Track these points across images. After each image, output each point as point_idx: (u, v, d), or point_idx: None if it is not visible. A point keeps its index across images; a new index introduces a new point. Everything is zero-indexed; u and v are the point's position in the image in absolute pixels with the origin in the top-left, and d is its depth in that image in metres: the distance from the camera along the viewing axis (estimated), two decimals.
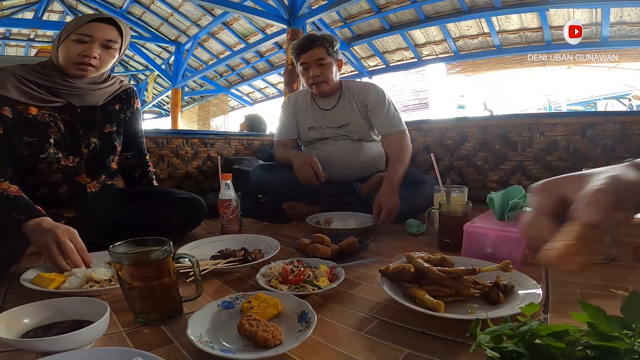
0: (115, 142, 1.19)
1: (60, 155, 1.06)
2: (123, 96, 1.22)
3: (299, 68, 1.58)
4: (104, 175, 1.17)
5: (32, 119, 1.02)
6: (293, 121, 1.68)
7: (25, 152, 1.01)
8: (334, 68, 1.57)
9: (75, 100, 1.08)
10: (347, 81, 1.69)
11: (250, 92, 9.33)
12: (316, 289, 0.72)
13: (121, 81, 1.23)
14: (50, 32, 6.87)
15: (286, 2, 4.51)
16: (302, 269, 0.80)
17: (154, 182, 1.35)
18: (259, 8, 4.60)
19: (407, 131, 1.56)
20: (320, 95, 1.62)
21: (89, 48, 1.02)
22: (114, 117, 1.19)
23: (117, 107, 1.20)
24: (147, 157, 1.34)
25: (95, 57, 1.03)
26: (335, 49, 1.55)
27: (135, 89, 1.29)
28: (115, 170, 1.22)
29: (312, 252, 0.94)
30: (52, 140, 1.04)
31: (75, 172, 1.10)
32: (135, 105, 1.27)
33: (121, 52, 1.12)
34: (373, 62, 6.51)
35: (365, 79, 6.22)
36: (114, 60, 1.11)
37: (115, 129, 1.19)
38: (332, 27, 5.55)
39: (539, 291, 0.64)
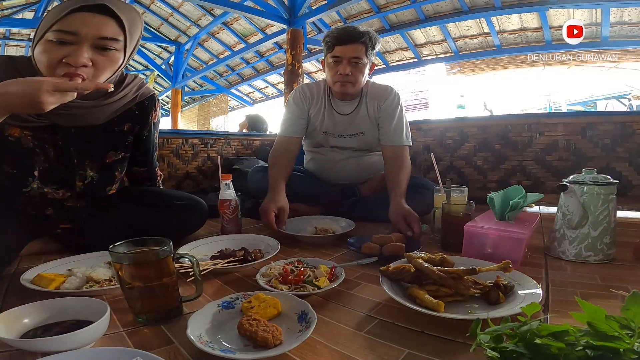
0: (116, 173, 0.99)
1: (46, 189, 0.88)
2: (137, 112, 0.93)
3: (328, 60, 1.41)
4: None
5: (14, 142, 0.79)
6: (304, 118, 1.52)
7: (4, 182, 0.83)
8: (366, 71, 1.42)
9: (64, 121, 0.82)
10: (370, 83, 1.54)
11: (250, 92, 9.33)
12: (316, 289, 0.72)
13: (140, 86, 0.93)
14: None
15: (286, 2, 4.51)
16: (302, 269, 0.80)
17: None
18: (259, 8, 4.61)
19: (408, 148, 1.44)
20: (341, 97, 1.47)
21: (75, 51, 0.70)
22: (121, 141, 0.94)
23: (125, 127, 0.93)
24: (157, 169, 1.20)
25: (85, 66, 0.72)
26: (374, 51, 1.41)
27: (156, 96, 1.00)
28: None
29: (391, 252, 0.91)
30: (36, 173, 0.84)
31: (65, 201, 0.94)
32: (153, 120, 1.01)
33: (128, 53, 0.80)
34: None
35: None
36: (118, 65, 0.79)
37: (120, 156, 0.96)
38: (332, 27, 5.55)
39: (539, 291, 0.64)
